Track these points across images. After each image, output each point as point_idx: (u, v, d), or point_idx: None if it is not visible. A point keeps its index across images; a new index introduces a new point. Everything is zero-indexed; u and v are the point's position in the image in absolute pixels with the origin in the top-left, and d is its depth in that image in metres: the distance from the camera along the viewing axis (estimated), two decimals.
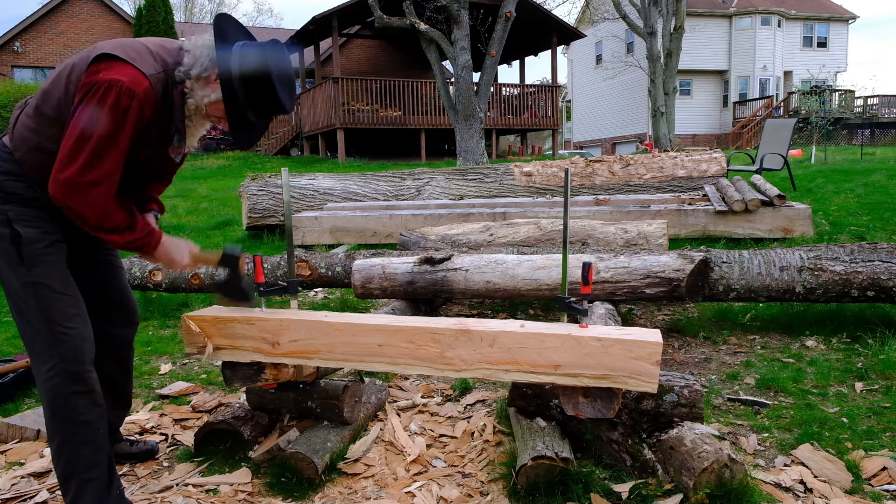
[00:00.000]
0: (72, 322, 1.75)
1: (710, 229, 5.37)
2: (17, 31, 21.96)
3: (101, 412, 1.80)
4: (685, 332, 3.50)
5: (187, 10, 40.50)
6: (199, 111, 1.78)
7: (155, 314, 4.28)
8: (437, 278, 3.44)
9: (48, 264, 1.74)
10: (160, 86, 1.69)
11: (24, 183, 1.71)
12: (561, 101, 29.40)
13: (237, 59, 1.71)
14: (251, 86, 1.72)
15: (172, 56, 1.73)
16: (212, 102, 1.76)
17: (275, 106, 1.77)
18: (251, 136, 1.85)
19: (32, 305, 1.72)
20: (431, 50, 12.86)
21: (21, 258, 1.70)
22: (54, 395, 1.73)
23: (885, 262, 3.12)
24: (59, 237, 1.78)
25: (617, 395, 1.84)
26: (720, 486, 1.77)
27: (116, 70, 1.60)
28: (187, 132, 1.84)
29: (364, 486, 2.06)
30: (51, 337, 1.72)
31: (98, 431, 1.79)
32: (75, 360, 1.74)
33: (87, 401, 1.76)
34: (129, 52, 1.65)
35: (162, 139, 1.80)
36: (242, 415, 2.36)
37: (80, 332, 1.77)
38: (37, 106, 1.71)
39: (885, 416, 2.36)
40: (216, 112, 1.78)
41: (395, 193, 6.94)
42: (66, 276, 1.79)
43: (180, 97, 1.75)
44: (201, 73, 1.73)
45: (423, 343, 1.91)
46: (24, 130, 1.71)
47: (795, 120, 8.68)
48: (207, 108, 1.77)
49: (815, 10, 29.47)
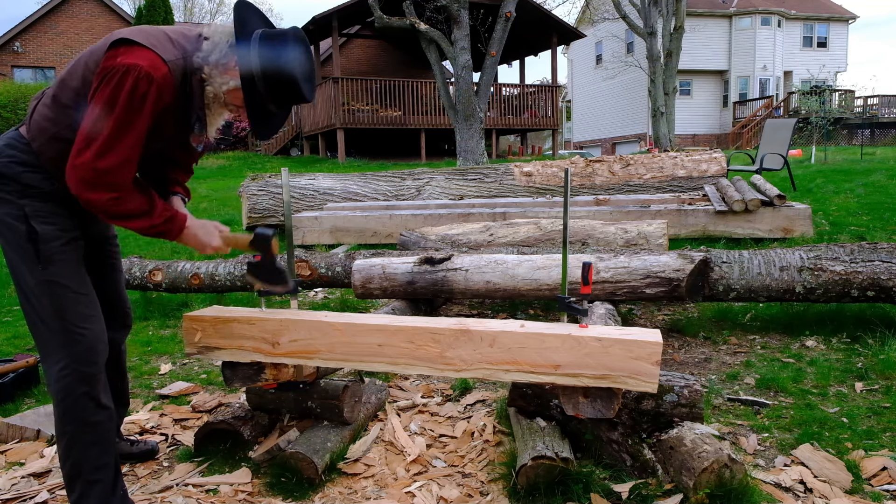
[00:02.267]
0: (87, 322, 1.74)
1: (710, 229, 5.36)
2: (17, 31, 21.95)
3: (110, 413, 1.80)
4: (685, 332, 3.50)
5: (187, 10, 40.51)
6: (218, 99, 1.75)
7: (155, 314, 4.28)
8: (437, 278, 3.44)
9: (65, 263, 1.72)
10: (179, 72, 1.66)
11: (42, 174, 1.69)
12: (561, 101, 29.40)
13: (256, 48, 1.68)
14: (271, 76, 1.69)
15: (192, 43, 1.71)
16: (230, 90, 1.73)
17: (295, 96, 1.74)
18: (271, 126, 1.82)
19: (47, 304, 1.70)
20: (431, 50, 12.86)
21: (38, 256, 1.69)
22: (65, 395, 1.72)
23: (885, 262, 3.12)
24: (76, 234, 1.77)
25: (617, 395, 1.84)
26: (720, 486, 1.77)
27: (135, 54, 1.58)
28: (207, 121, 1.81)
29: (364, 486, 2.06)
30: (65, 337, 1.71)
31: (108, 433, 1.78)
32: (89, 362, 1.73)
33: (98, 402, 1.75)
34: (149, 37, 1.63)
35: (182, 127, 1.78)
36: (242, 415, 2.36)
37: (95, 334, 1.75)
38: (54, 95, 1.69)
39: (885, 416, 2.36)
40: (235, 100, 1.75)
41: (395, 193, 6.94)
42: (82, 275, 1.77)
43: (199, 84, 1.72)
44: (220, 60, 1.70)
45: (423, 343, 1.91)
46: (41, 120, 1.69)
47: (795, 120, 8.68)
48: (226, 96, 1.74)
49: (815, 10, 29.47)
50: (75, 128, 1.62)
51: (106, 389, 1.80)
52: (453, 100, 12.82)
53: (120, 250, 2.10)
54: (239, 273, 4.12)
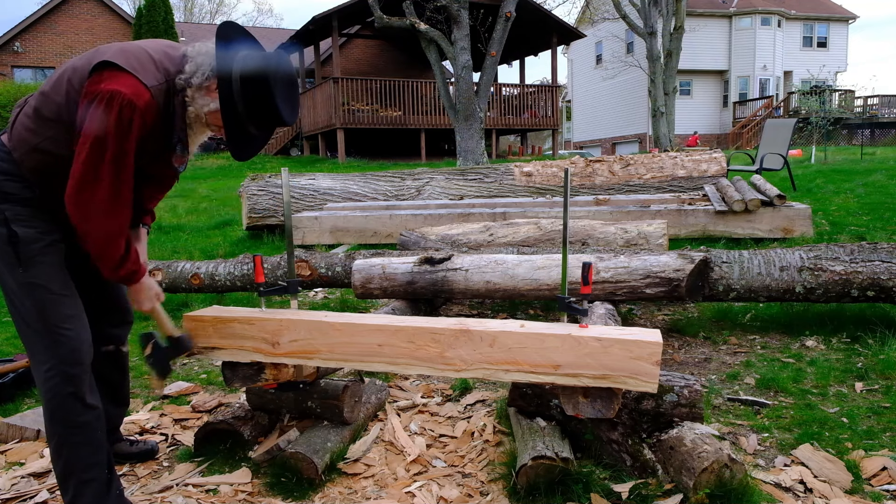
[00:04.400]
0: (68, 323, 1.74)
1: (710, 229, 5.36)
2: (17, 31, 21.96)
3: (98, 413, 1.79)
4: (685, 332, 3.50)
5: (187, 10, 40.53)
6: (200, 120, 1.76)
7: None
8: (437, 278, 3.44)
9: (45, 265, 1.73)
10: (162, 97, 1.67)
11: (22, 183, 1.70)
12: (561, 101, 29.39)
13: (237, 69, 1.68)
14: (250, 97, 1.69)
15: (175, 64, 1.71)
16: (211, 112, 1.73)
17: (274, 118, 1.73)
18: (250, 149, 1.82)
19: (29, 306, 1.71)
20: (431, 50, 12.86)
21: (18, 258, 1.69)
22: (52, 395, 1.72)
23: (885, 262, 3.12)
24: (57, 237, 1.77)
25: (617, 395, 1.84)
26: (720, 486, 1.77)
27: (118, 81, 1.58)
28: (189, 140, 1.81)
29: (364, 486, 2.06)
30: (48, 338, 1.71)
31: (96, 432, 1.78)
32: (73, 362, 1.73)
33: (84, 402, 1.75)
34: (131, 60, 1.63)
35: (163, 148, 1.78)
36: (242, 415, 2.36)
37: (78, 334, 1.75)
38: (36, 108, 1.69)
39: (885, 416, 2.36)
40: (216, 121, 1.75)
41: (395, 193, 6.94)
42: (63, 276, 1.77)
43: (181, 106, 1.73)
44: (202, 83, 1.70)
45: (423, 343, 1.91)
46: (22, 131, 1.70)
47: (795, 120, 8.68)
48: (207, 117, 1.75)
49: (815, 10, 29.48)
50: (56, 141, 1.64)
51: (93, 389, 1.79)
52: (453, 100, 12.82)
53: None
54: (239, 273, 4.13)
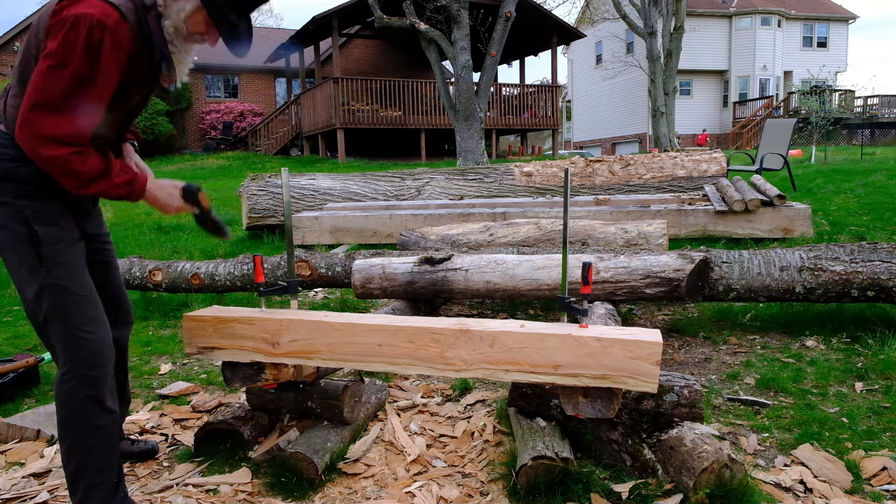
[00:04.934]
0: (90, 326, 1.71)
1: (710, 229, 5.37)
2: (18, 31, 21.94)
3: (115, 417, 1.78)
4: (685, 332, 3.50)
5: None
6: (180, 31, 1.71)
7: (155, 314, 4.28)
8: (437, 278, 3.44)
9: (68, 265, 1.69)
10: (132, 15, 1.61)
11: (34, 166, 1.62)
12: (561, 101, 29.39)
13: None
14: None
15: None
16: (189, 16, 1.69)
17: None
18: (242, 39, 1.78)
19: (50, 309, 1.67)
20: (431, 50, 12.86)
21: (41, 259, 1.65)
22: (67, 397, 1.70)
23: (885, 262, 3.12)
24: (77, 235, 1.74)
25: (617, 395, 1.84)
26: (720, 486, 1.77)
27: (83, 4, 1.52)
28: (174, 59, 1.76)
29: (364, 486, 2.06)
30: (69, 341, 1.68)
31: (112, 436, 1.77)
32: (94, 365, 1.70)
33: (103, 405, 1.73)
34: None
35: (153, 73, 1.74)
36: (242, 415, 2.36)
37: (100, 337, 1.72)
38: (18, 77, 1.65)
39: (885, 416, 2.36)
40: (197, 27, 1.71)
41: (395, 193, 6.94)
42: (84, 277, 1.74)
43: (156, 21, 1.68)
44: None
45: (423, 343, 1.91)
46: (13, 111, 1.65)
47: (795, 120, 8.68)
48: (187, 26, 1.71)
49: (815, 10, 29.48)
50: None
51: (113, 393, 1.77)
52: (453, 100, 12.83)
53: (114, 247, 2.08)
54: (239, 273, 4.13)
